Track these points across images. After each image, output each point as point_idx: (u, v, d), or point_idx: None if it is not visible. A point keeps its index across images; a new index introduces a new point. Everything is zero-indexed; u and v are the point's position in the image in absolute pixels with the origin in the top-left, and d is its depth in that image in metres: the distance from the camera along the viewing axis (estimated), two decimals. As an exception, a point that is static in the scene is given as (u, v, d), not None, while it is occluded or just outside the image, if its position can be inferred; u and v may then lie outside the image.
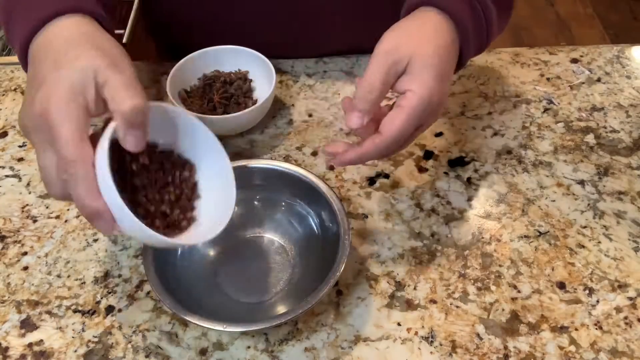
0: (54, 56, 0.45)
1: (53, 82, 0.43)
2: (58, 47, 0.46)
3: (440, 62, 0.50)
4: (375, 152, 0.50)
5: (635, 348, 0.53)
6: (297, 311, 0.50)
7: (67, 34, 0.46)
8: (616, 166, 0.68)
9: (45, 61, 0.45)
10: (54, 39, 0.47)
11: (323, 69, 0.80)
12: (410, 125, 0.49)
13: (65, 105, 0.42)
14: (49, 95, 0.42)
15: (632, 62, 0.81)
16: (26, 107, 0.44)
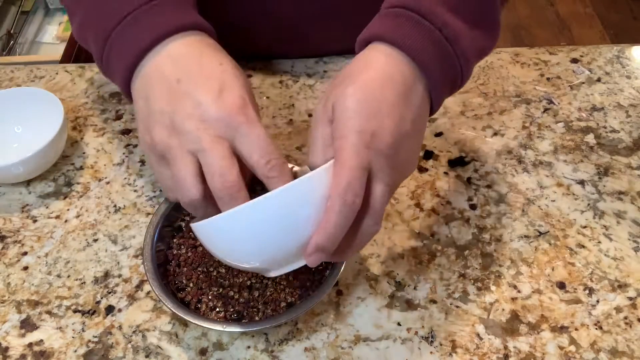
0: (210, 60, 0.46)
1: (236, 84, 0.44)
2: (201, 54, 0.46)
3: (367, 97, 0.43)
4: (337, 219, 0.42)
5: (635, 348, 0.53)
6: (297, 311, 0.50)
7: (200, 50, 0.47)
8: (616, 166, 0.68)
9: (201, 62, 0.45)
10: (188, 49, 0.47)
11: (323, 69, 0.80)
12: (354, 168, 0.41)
13: (256, 108, 0.44)
14: (241, 94, 0.44)
15: (632, 62, 0.81)
16: (191, 104, 0.43)
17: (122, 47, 0.47)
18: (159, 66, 0.45)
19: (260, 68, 0.80)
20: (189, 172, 0.43)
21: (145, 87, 0.46)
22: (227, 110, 0.43)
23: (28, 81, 0.80)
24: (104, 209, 0.65)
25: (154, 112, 0.45)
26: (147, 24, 0.46)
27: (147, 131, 0.45)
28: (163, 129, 0.44)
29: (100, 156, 0.70)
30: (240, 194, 0.43)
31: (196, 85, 0.44)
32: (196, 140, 0.43)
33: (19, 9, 1.54)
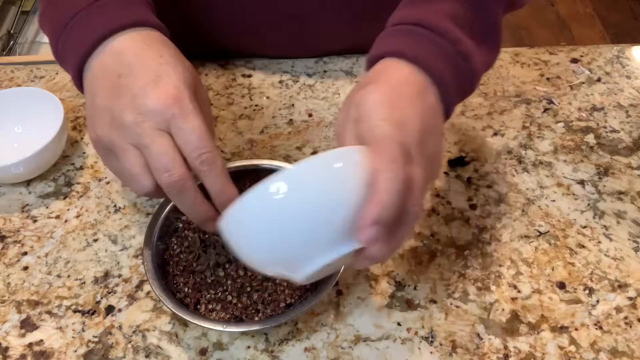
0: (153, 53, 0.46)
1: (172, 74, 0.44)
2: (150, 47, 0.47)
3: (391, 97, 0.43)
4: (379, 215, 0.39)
5: (635, 348, 0.53)
6: (297, 311, 0.50)
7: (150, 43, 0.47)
8: (616, 166, 0.68)
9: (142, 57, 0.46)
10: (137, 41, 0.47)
11: (323, 68, 0.80)
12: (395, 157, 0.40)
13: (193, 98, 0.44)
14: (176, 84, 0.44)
15: (632, 62, 0.81)
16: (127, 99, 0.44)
17: (72, 44, 0.49)
18: (102, 63, 0.46)
19: (260, 68, 0.80)
20: (137, 165, 0.44)
21: (90, 83, 0.47)
22: (160, 102, 0.43)
23: (28, 81, 0.80)
24: (104, 209, 0.65)
25: (97, 107, 0.46)
26: (95, 21, 0.48)
27: (92, 126, 0.47)
28: (105, 124, 0.45)
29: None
30: (187, 185, 0.44)
31: (134, 79, 0.45)
32: (137, 134, 0.44)
33: (19, 9, 1.53)
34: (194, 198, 0.45)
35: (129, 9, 0.49)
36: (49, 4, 0.51)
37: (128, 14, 0.49)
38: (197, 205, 0.45)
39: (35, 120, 0.70)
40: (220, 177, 0.45)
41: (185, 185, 0.44)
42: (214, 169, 0.44)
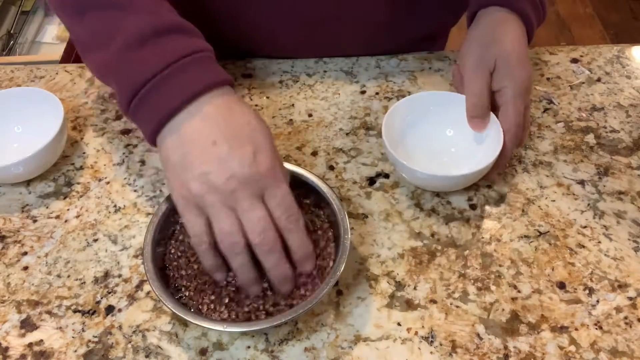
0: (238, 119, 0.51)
1: (265, 144, 0.50)
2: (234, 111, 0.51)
3: (516, 51, 0.62)
4: (511, 146, 0.62)
5: (635, 348, 0.53)
6: (297, 311, 0.50)
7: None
8: (616, 166, 0.68)
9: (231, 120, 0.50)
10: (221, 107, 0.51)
11: (323, 68, 0.80)
12: (519, 110, 0.61)
13: (282, 165, 0.52)
14: (271, 154, 0.50)
15: (632, 62, 0.81)
16: (220, 165, 0.49)
17: (152, 104, 0.51)
18: (194, 129, 0.50)
19: (260, 68, 0.80)
20: (233, 224, 0.49)
21: (180, 146, 0.50)
22: (261, 173, 0.49)
23: (28, 81, 0.80)
24: (104, 209, 0.65)
25: (191, 170, 0.49)
26: (177, 84, 0.50)
27: (183, 185, 0.50)
28: (202, 186, 0.49)
29: (100, 156, 0.70)
30: (276, 247, 0.50)
31: (232, 148, 0.49)
32: (235, 200, 0.49)
33: (19, 9, 1.53)
34: (280, 257, 0.51)
35: (208, 68, 0.52)
36: (117, 59, 0.52)
37: (211, 74, 0.51)
38: (282, 264, 0.51)
39: (35, 120, 0.70)
40: (303, 234, 0.52)
41: (276, 245, 0.50)
42: (299, 227, 0.51)
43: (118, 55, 0.52)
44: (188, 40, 0.52)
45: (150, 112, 0.51)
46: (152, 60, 0.50)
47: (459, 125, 0.66)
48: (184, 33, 0.53)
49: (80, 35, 0.57)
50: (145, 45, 0.51)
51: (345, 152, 0.70)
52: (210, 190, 0.48)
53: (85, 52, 0.56)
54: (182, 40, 0.52)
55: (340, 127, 0.72)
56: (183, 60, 0.50)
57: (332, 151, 0.70)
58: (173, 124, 0.50)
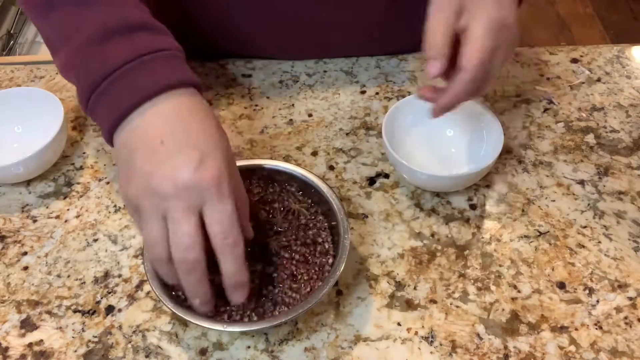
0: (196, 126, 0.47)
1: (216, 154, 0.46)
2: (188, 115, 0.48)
3: None
4: (465, 87, 0.52)
5: (635, 348, 0.53)
6: (297, 311, 0.50)
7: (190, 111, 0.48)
8: (616, 166, 0.68)
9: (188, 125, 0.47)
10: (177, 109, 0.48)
11: (323, 69, 0.80)
12: (486, 50, 0.50)
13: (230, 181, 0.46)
14: (219, 165, 0.46)
15: (632, 62, 0.81)
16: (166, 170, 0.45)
17: (110, 100, 0.48)
18: (145, 125, 0.47)
19: (260, 68, 0.80)
20: (157, 235, 0.46)
21: (130, 142, 0.47)
22: (202, 184, 0.45)
23: (28, 81, 0.80)
24: (104, 209, 0.65)
25: (134, 167, 0.46)
26: (137, 80, 0.47)
27: (126, 183, 0.47)
28: (139, 187, 0.46)
29: (100, 156, 0.70)
30: (199, 268, 0.46)
31: (178, 151, 0.45)
32: (168, 208, 0.45)
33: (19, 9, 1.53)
34: (199, 281, 0.47)
35: (172, 66, 0.49)
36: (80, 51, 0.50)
37: (173, 73, 0.49)
38: (201, 287, 0.48)
39: (35, 120, 0.70)
40: (238, 262, 0.47)
41: (197, 267, 0.46)
42: (234, 253, 0.47)
43: (80, 51, 0.50)
44: (153, 38, 0.50)
45: (107, 109, 0.48)
46: (113, 56, 0.48)
47: (459, 125, 0.66)
48: (150, 30, 0.50)
49: (47, 34, 0.54)
50: (108, 41, 0.49)
51: (345, 152, 0.70)
52: (146, 193, 0.45)
53: (53, 52, 0.54)
54: (146, 38, 0.50)
55: (340, 127, 0.72)
56: (145, 57, 0.48)
57: (332, 151, 0.70)
58: (128, 121, 0.47)
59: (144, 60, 0.48)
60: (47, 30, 0.54)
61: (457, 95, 0.53)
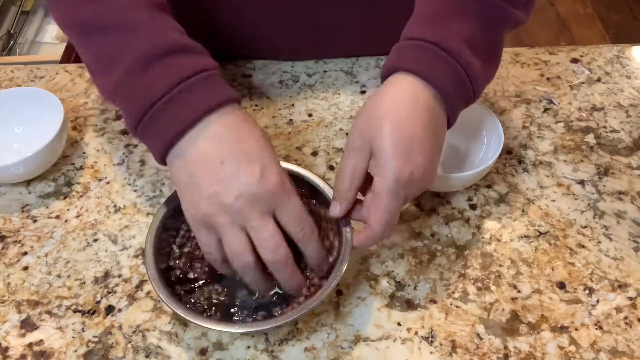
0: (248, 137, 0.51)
1: (272, 162, 0.50)
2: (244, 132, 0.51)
3: (401, 138, 0.50)
4: (373, 240, 0.53)
5: (635, 348, 0.53)
6: (297, 311, 0.50)
7: None
8: (616, 166, 0.68)
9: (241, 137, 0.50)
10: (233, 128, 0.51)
11: (323, 69, 0.80)
12: (390, 209, 0.50)
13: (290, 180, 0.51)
14: (279, 170, 0.50)
15: (632, 62, 0.81)
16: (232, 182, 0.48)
17: (158, 128, 0.50)
18: (202, 149, 0.49)
19: (260, 68, 0.80)
20: (243, 244, 0.49)
21: (189, 166, 0.50)
22: (270, 190, 0.49)
23: (28, 81, 0.80)
24: (104, 209, 0.65)
25: (200, 190, 0.49)
26: (182, 106, 0.50)
27: (194, 205, 0.50)
28: (211, 206, 0.49)
29: (100, 156, 0.70)
30: (289, 262, 0.50)
31: (239, 167, 0.49)
32: (246, 219, 0.48)
33: (19, 9, 1.53)
34: (293, 271, 0.51)
35: (214, 88, 0.51)
36: (123, 81, 0.51)
37: (217, 94, 0.51)
38: (295, 277, 0.52)
39: (35, 120, 0.70)
40: (318, 244, 0.52)
41: (288, 261, 0.50)
42: (313, 239, 0.52)
43: (123, 79, 0.51)
44: (192, 60, 0.52)
45: (156, 135, 0.50)
46: (156, 83, 0.50)
47: (458, 125, 0.66)
48: (189, 52, 0.52)
49: (87, 60, 0.56)
50: (149, 68, 0.50)
51: (345, 152, 0.70)
52: (219, 210, 0.48)
53: (93, 76, 0.56)
54: (186, 61, 0.51)
55: (340, 127, 0.72)
56: (187, 81, 0.50)
57: (332, 151, 0.70)
58: (180, 145, 0.50)
59: (186, 85, 0.50)
60: (86, 56, 0.56)
61: (368, 243, 0.54)
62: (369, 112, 0.52)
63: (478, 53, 0.53)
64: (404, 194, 0.51)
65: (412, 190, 0.52)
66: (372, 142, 0.51)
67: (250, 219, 0.48)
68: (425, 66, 0.52)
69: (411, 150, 0.50)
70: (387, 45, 0.57)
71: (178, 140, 0.50)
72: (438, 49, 0.52)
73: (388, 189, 0.50)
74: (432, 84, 0.52)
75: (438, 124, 0.53)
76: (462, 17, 0.53)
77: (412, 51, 0.53)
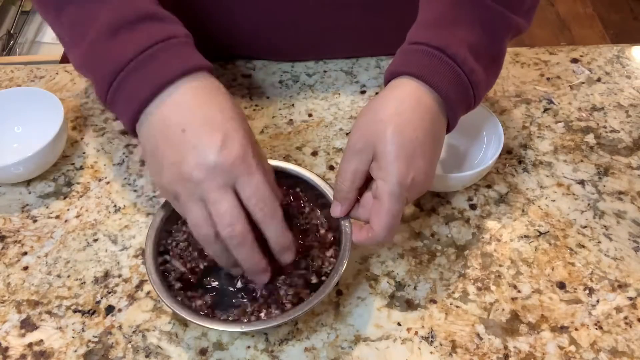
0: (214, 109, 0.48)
1: (237, 133, 0.47)
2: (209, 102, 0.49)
3: (404, 142, 0.50)
4: (375, 241, 0.52)
5: (635, 348, 0.53)
6: (297, 311, 0.50)
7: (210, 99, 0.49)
8: (616, 166, 0.68)
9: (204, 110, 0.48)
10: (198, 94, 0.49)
11: (323, 69, 0.80)
12: (394, 212, 0.50)
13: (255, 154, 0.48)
14: (242, 142, 0.47)
15: (632, 62, 0.81)
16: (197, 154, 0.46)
17: (126, 95, 0.50)
18: (164, 116, 0.48)
19: (260, 68, 0.80)
20: (200, 216, 0.48)
21: (152, 134, 0.49)
22: (229, 161, 0.46)
23: (28, 81, 0.80)
24: (104, 209, 0.65)
25: (161, 158, 0.48)
26: (149, 72, 0.49)
27: (158, 174, 0.49)
28: (172, 175, 0.48)
29: (100, 156, 0.70)
30: (247, 239, 0.48)
31: (200, 136, 0.47)
32: (203, 190, 0.47)
33: (19, 9, 1.54)
34: (251, 250, 0.49)
35: (183, 54, 0.50)
36: (94, 47, 0.51)
37: (185, 60, 0.50)
38: (253, 257, 0.49)
39: (35, 120, 0.70)
40: (280, 226, 0.49)
41: (245, 239, 0.48)
42: (274, 219, 0.49)
43: (90, 48, 0.51)
44: (162, 27, 0.51)
45: (125, 102, 0.50)
46: (123, 49, 0.49)
47: (458, 125, 0.66)
48: (158, 20, 0.51)
49: (61, 33, 0.56)
50: (117, 35, 0.50)
51: (345, 152, 0.70)
52: (179, 180, 0.47)
53: (67, 49, 0.55)
54: (155, 28, 0.50)
55: (340, 127, 0.72)
56: (155, 47, 0.49)
57: (332, 151, 0.70)
58: (147, 112, 0.49)
59: (153, 51, 0.49)
60: (59, 29, 0.55)
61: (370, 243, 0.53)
62: (372, 114, 0.52)
63: (481, 60, 0.54)
64: (405, 197, 0.51)
65: (413, 193, 0.52)
66: (375, 145, 0.50)
67: (208, 190, 0.47)
68: (429, 71, 0.52)
69: (413, 154, 0.50)
70: (387, 47, 0.57)
71: (144, 108, 0.49)
72: (443, 55, 0.52)
73: (391, 193, 0.50)
74: (436, 89, 0.52)
75: (439, 128, 0.53)
76: (467, 24, 0.54)
77: (417, 56, 0.53)
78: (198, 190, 0.47)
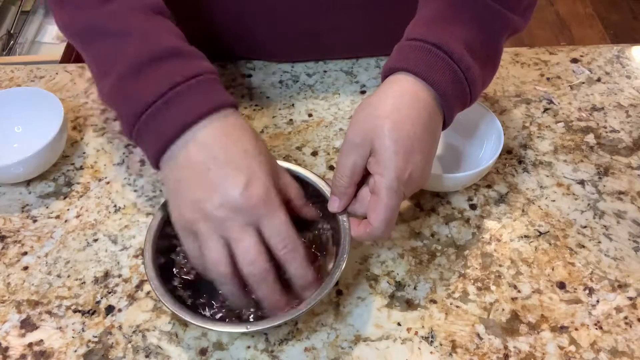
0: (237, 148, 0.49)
1: (260, 173, 0.49)
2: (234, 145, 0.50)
3: (402, 137, 0.50)
4: (373, 236, 0.52)
5: (635, 348, 0.53)
6: (297, 311, 0.50)
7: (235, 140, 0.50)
8: (616, 166, 0.68)
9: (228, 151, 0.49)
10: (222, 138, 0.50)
11: (323, 69, 0.80)
12: (391, 207, 0.51)
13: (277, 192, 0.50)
14: (265, 183, 0.48)
15: (632, 62, 0.81)
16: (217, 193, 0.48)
17: (152, 132, 0.50)
18: (190, 155, 0.49)
19: (260, 68, 0.80)
20: (221, 254, 0.48)
21: (176, 172, 0.50)
22: (252, 202, 0.48)
23: (28, 81, 0.80)
24: (104, 209, 0.65)
25: (185, 195, 0.49)
26: (172, 112, 0.49)
27: (178, 209, 0.50)
28: (194, 213, 0.48)
29: (100, 156, 0.70)
30: (268, 277, 0.49)
31: (225, 176, 0.48)
32: (226, 228, 0.48)
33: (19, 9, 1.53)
34: (273, 288, 0.50)
35: (207, 93, 0.51)
36: (117, 87, 0.52)
37: (208, 100, 0.50)
38: (274, 295, 0.50)
39: (35, 120, 0.70)
40: (302, 264, 0.50)
41: (268, 276, 0.49)
42: (297, 257, 0.50)
43: (117, 84, 0.51)
44: (186, 64, 0.51)
45: (150, 141, 0.50)
46: (149, 88, 0.50)
47: (458, 125, 0.66)
48: (183, 57, 0.52)
49: (89, 66, 0.56)
50: (141, 73, 0.50)
51: (345, 152, 0.70)
52: (201, 217, 0.48)
53: (95, 82, 0.56)
54: (180, 65, 0.51)
55: (340, 127, 0.72)
56: (180, 86, 0.50)
57: (332, 151, 0.70)
58: (172, 150, 0.50)
59: (178, 90, 0.50)
60: (88, 62, 0.56)
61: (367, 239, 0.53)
62: (371, 110, 0.52)
63: (477, 58, 0.54)
64: (402, 192, 0.51)
65: (410, 188, 0.52)
66: (373, 141, 0.51)
67: (231, 229, 0.48)
68: (426, 67, 0.52)
69: (411, 149, 0.50)
70: (387, 47, 0.57)
71: (169, 146, 0.50)
72: (440, 51, 0.52)
73: (389, 187, 0.50)
74: (432, 85, 0.52)
75: (436, 124, 0.53)
76: (464, 22, 0.54)
77: (414, 52, 0.53)
78: (220, 228, 0.48)
